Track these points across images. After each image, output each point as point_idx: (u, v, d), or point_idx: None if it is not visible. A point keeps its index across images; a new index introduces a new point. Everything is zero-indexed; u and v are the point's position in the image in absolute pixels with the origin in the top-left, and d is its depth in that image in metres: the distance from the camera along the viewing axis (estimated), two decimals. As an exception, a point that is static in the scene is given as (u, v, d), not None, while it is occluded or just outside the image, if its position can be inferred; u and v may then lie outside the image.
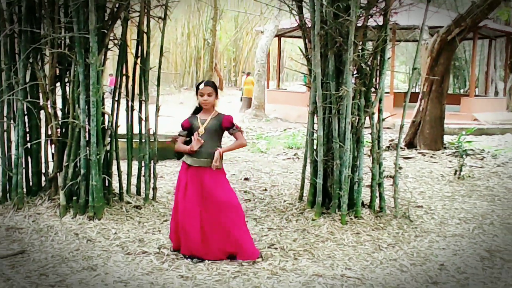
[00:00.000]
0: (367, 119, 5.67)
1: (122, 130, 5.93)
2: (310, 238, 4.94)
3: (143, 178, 6.00)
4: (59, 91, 5.57)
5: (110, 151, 5.71)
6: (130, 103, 5.92)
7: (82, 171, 5.19)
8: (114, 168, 5.87)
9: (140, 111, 5.91)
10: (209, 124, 4.38)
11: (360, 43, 5.51)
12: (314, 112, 5.58)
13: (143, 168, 5.99)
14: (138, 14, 5.76)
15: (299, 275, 4.09)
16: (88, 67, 5.10)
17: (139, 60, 5.87)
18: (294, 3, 5.80)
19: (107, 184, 5.62)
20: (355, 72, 5.59)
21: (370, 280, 4.04)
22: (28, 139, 5.54)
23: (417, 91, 18.28)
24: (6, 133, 5.50)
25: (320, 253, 4.58)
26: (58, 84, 5.55)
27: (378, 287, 3.93)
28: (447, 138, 10.70)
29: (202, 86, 4.41)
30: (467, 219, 5.79)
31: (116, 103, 5.80)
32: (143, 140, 5.93)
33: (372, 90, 5.66)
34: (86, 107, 5.17)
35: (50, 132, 5.48)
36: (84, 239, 4.71)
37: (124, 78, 5.90)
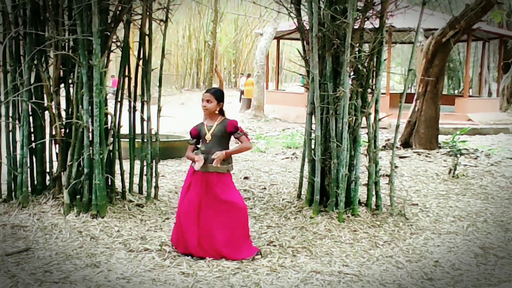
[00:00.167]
0: (364, 119, 5.66)
1: (124, 130, 5.93)
2: (308, 235, 4.94)
3: (145, 177, 6.00)
4: (63, 92, 5.56)
5: (113, 151, 5.71)
6: (132, 104, 5.93)
7: (86, 170, 5.19)
8: (117, 167, 5.86)
9: (142, 111, 5.92)
10: (215, 130, 4.38)
11: (357, 45, 5.51)
12: (312, 112, 5.58)
13: (145, 167, 6.00)
14: (140, 17, 5.76)
15: (298, 272, 4.09)
16: (92, 68, 5.10)
17: (141, 62, 5.87)
18: (292, 6, 5.80)
19: (110, 183, 5.63)
20: (352, 74, 5.59)
21: (367, 277, 4.05)
22: (32, 139, 5.54)
23: (412, 92, 18.29)
24: (11, 133, 5.50)
25: (318, 250, 4.59)
26: (62, 85, 5.54)
27: (374, 283, 3.93)
28: (441, 138, 10.69)
29: (204, 92, 4.46)
30: (461, 217, 5.79)
31: (118, 104, 5.80)
32: (145, 140, 5.94)
33: (369, 91, 5.67)
34: (90, 107, 5.17)
35: (54, 132, 5.48)
36: (88, 236, 4.70)
37: (126, 79, 5.90)
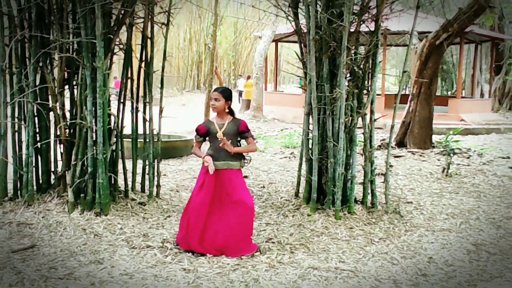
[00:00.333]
0: (360, 119, 5.67)
1: (127, 130, 5.93)
2: (306, 232, 4.94)
3: (147, 176, 6.00)
4: (67, 94, 5.56)
5: (116, 151, 5.71)
6: (135, 105, 5.92)
7: (89, 170, 5.19)
8: (120, 166, 5.86)
9: (144, 112, 5.91)
10: (227, 128, 4.37)
11: (353, 47, 5.51)
12: (310, 113, 5.58)
13: (147, 167, 5.99)
14: (142, 20, 5.76)
15: (296, 268, 4.09)
16: (95, 70, 5.09)
17: (143, 64, 5.86)
18: (290, 9, 5.79)
19: (113, 182, 5.62)
20: (348, 75, 5.59)
21: (363, 273, 4.04)
22: (38, 139, 5.53)
23: (407, 93, 18.29)
24: (17, 133, 5.49)
25: (315, 246, 4.58)
26: (67, 87, 5.54)
27: (370, 279, 3.93)
28: (435, 138, 10.71)
29: (213, 91, 4.46)
30: (454, 214, 5.79)
31: (121, 104, 5.80)
32: (147, 140, 5.93)
33: (364, 92, 5.67)
34: (93, 108, 5.17)
35: (59, 133, 5.48)
36: (92, 234, 4.70)
37: (129, 81, 5.90)
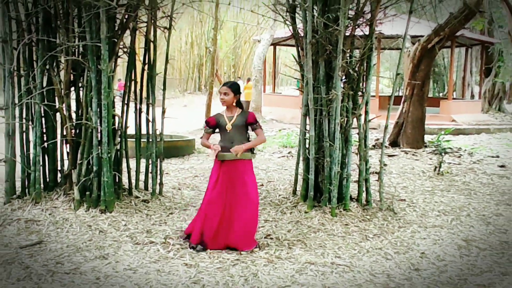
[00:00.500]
0: (355, 120, 5.67)
1: (131, 130, 5.93)
2: (303, 229, 4.94)
3: (150, 175, 5.99)
4: (73, 95, 5.55)
5: (120, 150, 5.70)
6: (138, 106, 5.92)
7: (95, 168, 5.18)
8: (124, 165, 5.86)
9: (147, 113, 5.91)
10: (236, 121, 4.39)
11: (348, 50, 5.51)
12: (307, 114, 5.58)
13: (150, 166, 5.99)
14: (145, 24, 5.75)
15: (293, 263, 4.09)
16: (100, 73, 5.09)
17: (146, 67, 5.86)
18: (288, 14, 5.79)
19: (117, 180, 5.62)
20: (343, 77, 5.59)
21: (358, 267, 4.05)
22: (45, 139, 5.53)
23: (400, 94, 18.30)
24: (25, 133, 5.49)
25: (312, 242, 4.58)
26: (73, 88, 5.54)
27: (365, 273, 3.93)
28: (427, 138, 10.72)
29: (222, 86, 4.46)
30: (446, 211, 5.80)
31: (125, 106, 5.80)
32: (150, 139, 5.93)
33: (359, 93, 5.67)
34: (98, 109, 5.16)
35: (65, 133, 5.47)
36: (97, 230, 4.70)
37: (133, 83, 5.89)
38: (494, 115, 20.50)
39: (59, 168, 5.67)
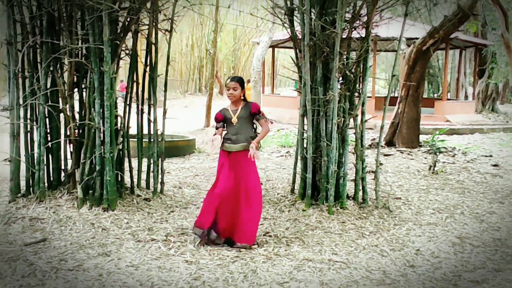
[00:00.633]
0: (351, 120, 5.67)
1: (133, 130, 5.92)
2: (301, 226, 4.94)
3: (151, 174, 5.99)
4: (76, 96, 5.55)
5: (122, 150, 5.70)
6: (140, 107, 5.92)
7: (97, 168, 5.18)
8: (126, 164, 5.85)
9: (149, 113, 5.91)
10: (240, 113, 4.39)
11: (345, 52, 5.51)
12: (304, 114, 5.58)
13: (151, 165, 5.99)
14: (147, 27, 5.75)
15: (291, 260, 4.09)
16: (103, 74, 5.09)
17: (148, 68, 5.86)
18: (286, 17, 5.79)
19: (119, 179, 5.61)
20: (340, 79, 5.59)
21: (354, 264, 4.05)
22: (49, 139, 5.52)
23: (396, 95, 18.30)
24: (29, 133, 5.48)
25: (309, 240, 4.58)
26: (76, 89, 5.53)
27: (361, 270, 3.93)
28: (422, 137, 10.70)
29: (229, 81, 4.40)
30: (440, 209, 5.80)
31: (127, 106, 5.79)
32: (152, 139, 5.93)
33: (356, 94, 5.67)
34: (101, 110, 5.16)
35: (68, 133, 5.47)
36: (99, 228, 4.70)
37: (134, 84, 5.89)
38: (488, 115, 20.51)
39: (63, 167, 5.67)
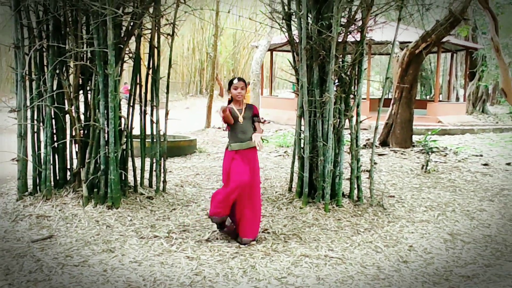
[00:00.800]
0: (347, 121, 5.68)
1: (136, 131, 5.93)
2: (298, 223, 4.95)
3: (154, 173, 6.00)
4: (82, 98, 5.55)
5: (126, 150, 5.70)
6: (143, 108, 5.92)
7: (102, 167, 5.18)
8: (130, 164, 5.85)
9: (151, 115, 5.91)
10: (245, 113, 4.41)
11: (341, 56, 5.52)
12: (302, 115, 5.59)
13: (154, 164, 5.99)
14: (150, 31, 5.75)
15: (289, 256, 4.10)
16: (107, 77, 5.09)
17: (150, 71, 5.86)
18: (284, 22, 5.80)
19: (123, 178, 5.62)
20: (336, 81, 5.59)
21: (350, 260, 4.06)
22: (55, 139, 5.52)
23: (389, 97, 18.32)
24: (36, 134, 5.48)
25: (306, 236, 4.59)
26: (81, 92, 5.53)
27: (356, 265, 3.94)
28: (415, 138, 10.71)
29: (236, 81, 4.36)
30: (432, 207, 5.81)
31: (131, 108, 5.80)
32: (154, 140, 5.93)
33: (351, 96, 5.68)
34: (105, 111, 5.16)
35: (74, 133, 5.47)
36: (104, 225, 4.70)
37: (138, 86, 5.89)
38: (478, 116, 20.55)
39: (69, 166, 5.67)
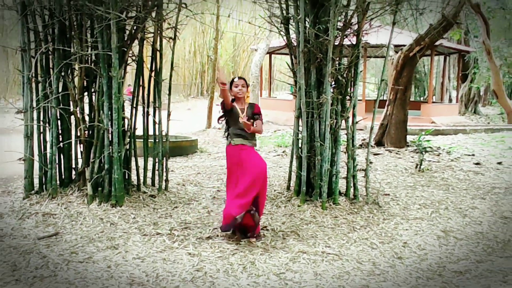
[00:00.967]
0: (343, 122, 5.67)
1: (139, 131, 5.92)
2: (296, 221, 4.94)
3: (157, 172, 5.99)
4: (86, 100, 5.55)
5: (129, 149, 5.70)
6: (146, 109, 5.92)
7: (106, 166, 5.18)
8: (133, 163, 5.85)
9: (154, 116, 5.91)
10: (247, 112, 4.40)
11: (337, 58, 5.52)
12: (299, 116, 5.58)
13: (157, 164, 5.98)
14: (152, 35, 5.75)
15: (287, 252, 4.09)
16: (111, 79, 5.09)
17: (153, 74, 5.86)
18: (282, 26, 5.79)
19: (127, 177, 5.61)
20: (333, 83, 5.59)
21: (346, 256, 4.05)
22: (60, 139, 5.52)
23: (384, 98, 18.32)
24: (42, 134, 5.48)
25: (304, 233, 4.59)
26: (86, 93, 5.53)
27: (352, 261, 3.94)
28: (409, 138, 10.71)
29: (237, 79, 4.37)
30: (426, 204, 5.81)
31: (134, 109, 5.79)
32: (157, 140, 5.92)
33: (347, 98, 5.67)
34: (109, 112, 5.16)
35: (79, 134, 5.47)
36: (108, 223, 4.69)
37: (140, 88, 5.89)
38: (470, 117, 20.58)
39: (74, 166, 5.66)
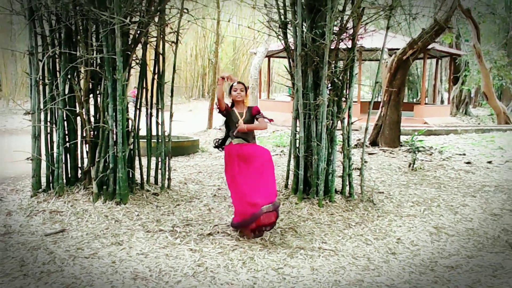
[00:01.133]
0: (339, 122, 5.68)
1: (142, 132, 5.92)
2: (294, 218, 4.95)
3: (159, 171, 5.99)
4: (92, 101, 5.55)
5: (133, 149, 5.69)
6: (149, 111, 5.92)
7: (111, 165, 5.18)
8: (137, 163, 5.85)
9: (157, 117, 5.91)
10: (246, 117, 4.41)
11: (333, 62, 5.52)
12: (297, 117, 5.59)
13: (159, 163, 5.98)
14: (155, 39, 5.75)
15: (285, 248, 4.10)
16: (115, 82, 5.08)
17: (156, 76, 5.86)
18: (280, 30, 5.80)
19: (131, 176, 5.61)
20: (329, 85, 5.60)
21: (342, 251, 4.06)
22: (67, 140, 5.52)
23: (379, 100, 18.32)
24: (49, 135, 5.48)
25: (301, 230, 4.59)
26: (91, 95, 5.53)
27: (348, 257, 3.95)
28: (403, 138, 10.72)
29: (236, 83, 4.38)
30: (419, 202, 5.81)
31: (137, 110, 5.79)
32: (160, 140, 5.93)
33: (343, 99, 5.67)
34: (114, 114, 5.16)
35: (84, 134, 5.46)
36: (113, 220, 4.70)
37: (144, 90, 5.89)
38: (461, 118, 20.58)
39: (80, 165, 5.66)
